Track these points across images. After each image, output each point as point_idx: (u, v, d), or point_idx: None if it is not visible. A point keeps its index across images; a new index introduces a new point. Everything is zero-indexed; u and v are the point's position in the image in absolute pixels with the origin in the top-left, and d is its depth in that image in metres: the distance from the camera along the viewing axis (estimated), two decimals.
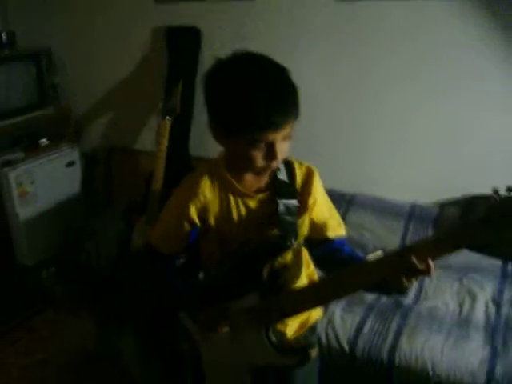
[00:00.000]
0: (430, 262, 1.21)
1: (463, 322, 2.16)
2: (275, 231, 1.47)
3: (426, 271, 1.21)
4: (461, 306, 2.26)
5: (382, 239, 2.63)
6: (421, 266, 1.21)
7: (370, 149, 2.94)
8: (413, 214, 2.79)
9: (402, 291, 1.37)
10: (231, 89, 1.32)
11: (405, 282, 1.25)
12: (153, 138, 3.14)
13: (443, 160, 2.81)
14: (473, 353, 1.99)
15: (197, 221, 1.51)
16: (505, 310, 2.22)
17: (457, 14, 2.59)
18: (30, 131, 3.49)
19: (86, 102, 3.69)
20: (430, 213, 2.79)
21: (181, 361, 1.75)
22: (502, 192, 1.11)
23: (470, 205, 2.74)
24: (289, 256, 1.52)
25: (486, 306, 2.25)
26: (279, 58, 1.40)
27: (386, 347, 2.04)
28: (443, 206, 2.83)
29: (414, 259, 1.21)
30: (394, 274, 1.25)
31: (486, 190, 1.18)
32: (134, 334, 2.26)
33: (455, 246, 1.22)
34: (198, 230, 1.55)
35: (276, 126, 1.30)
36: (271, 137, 1.31)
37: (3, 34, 3.34)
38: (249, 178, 1.48)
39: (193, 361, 1.60)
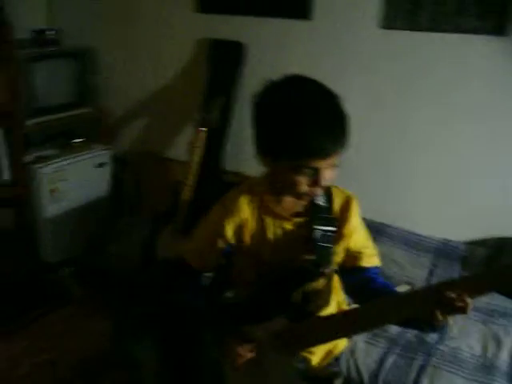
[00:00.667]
0: (468, 299, 1.19)
1: (487, 367, 2.10)
2: (310, 256, 1.46)
3: (463, 308, 1.20)
4: (485, 349, 2.21)
5: (409, 272, 2.59)
6: (457, 303, 1.19)
7: (404, 180, 2.92)
8: (441, 250, 2.75)
9: (435, 328, 1.33)
10: (282, 113, 1.32)
11: (439, 318, 1.23)
12: (185, 147, 3.15)
13: (476, 200, 2.77)
14: None
15: (231, 239, 1.50)
16: None
17: (501, 51, 2.57)
18: (65, 129, 3.52)
19: (123, 105, 3.71)
20: (459, 250, 2.75)
21: (200, 379, 1.73)
22: None
23: (498, 246, 2.70)
24: (321, 282, 1.50)
25: (511, 352, 2.20)
26: (322, 79, 1.39)
27: None
28: (472, 244, 2.79)
29: (451, 295, 1.18)
30: (428, 309, 1.23)
31: None
32: (154, 343, 2.24)
33: (493, 287, 1.20)
34: (230, 248, 1.54)
35: (324, 154, 1.29)
36: (318, 164, 1.31)
37: (49, 32, 3.37)
38: (288, 200, 1.48)
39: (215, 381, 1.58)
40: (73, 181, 3.37)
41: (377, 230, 2.84)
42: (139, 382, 2.45)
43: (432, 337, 2.25)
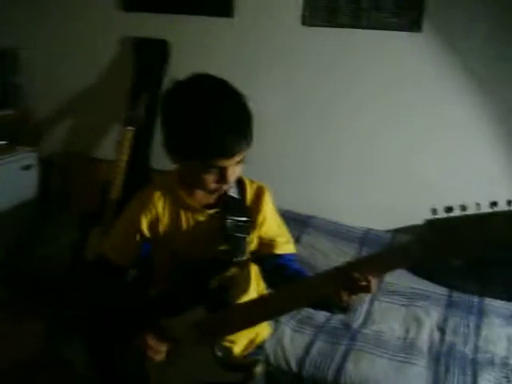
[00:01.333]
0: (371, 278, 1.23)
1: (408, 347, 2.19)
2: (223, 246, 1.49)
3: (366, 287, 1.24)
4: (407, 331, 2.30)
5: (334, 262, 2.60)
6: (361, 282, 1.23)
7: (327, 173, 3.00)
8: (365, 239, 2.84)
9: (344, 309, 1.38)
10: (186, 115, 1.33)
11: (346, 298, 1.27)
12: (113, 147, 3.13)
13: (397, 188, 2.87)
14: (416, 377, 2.02)
15: (147, 233, 1.51)
16: (449, 337, 2.27)
17: (417, 46, 2.67)
18: None
19: (47, 105, 3.64)
20: (383, 239, 2.84)
21: (127, 377, 1.73)
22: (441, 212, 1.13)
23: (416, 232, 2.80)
24: (236, 271, 1.53)
25: (431, 333, 2.29)
26: (243, 75, 1.42)
27: (332, 368, 2.05)
28: (396, 232, 2.88)
29: (354, 274, 1.23)
30: (335, 289, 1.27)
31: None
32: (83, 344, 2.22)
33: (393, 265, 1.25)
34: (149, 244, 1.55)
35: (229, 154, 1.32)
36: (224, 163, 1.33)
37: None
38: (200, 193, 1.50)
39: (141, 379, 1.58)
40: None
41: (302, 222, 2.91)
42: (74, 381, 2.43)
43: (356, 322, 2.33)
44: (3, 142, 3.46)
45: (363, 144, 2.88)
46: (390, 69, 2.74)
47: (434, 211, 1.15)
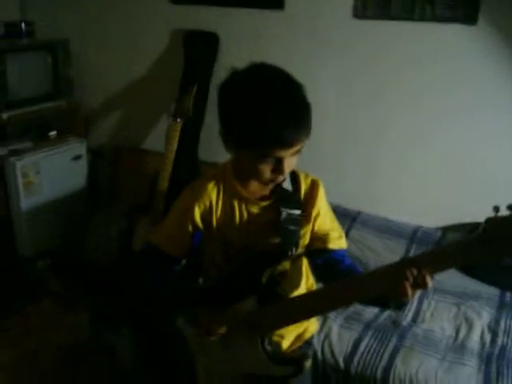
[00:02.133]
0: (428, 275, 1.21)
1: (458, 348, 2.15)
2: (277, 239, 1.48)
3: (424, 284, 1.22)
4: (457, 331, 2.26)
5: (383, 258, 2.62)
6: (418, 279, 1.21)
7: (378, 168, 2.95)
8: (415, 237, 2.78)
9: (400, 305, 1.36)
10: (245, 103, 1.32)
11: (402, 294, 1.24)
12: (161, 138, 3.14)
13: (450, 185, 2.81)
14: (466, 378, 1.98)
15: (200, 223, 1.52)
16: (500, 338, 2.21)
17: (472, 40, 2.60)
18: (40, 122, 3.50)
19: (97, 97, 3.70)
20: (433, 236, 2.78)
21: (175, 367, 1.74)
22: (504, 211, 1.10)
23: (471, 231, 2.74)
24: (288, 265, 1.52)
25: (482, 334, 2.24)
26: (295, 69, 1.40)
27: (381, 366, 2.03)
28: (446, 230, 2.83)
29: (412, 271, 1.21)
30: (391, 286, 1.25)
31: None
32: (131, 334, 2.25)
33: (453, 262, 1.22)
34: (201, 234, 1.55)
35: (287, 144, 1.30)
36: (281, 153, 1.32)
37: (22, 24, 3.35)
38: (254, 184, 1.49)
39: (187, 368, 1.59)
40: (48, 174, 3.35)
41: (352, 217, 2.88)
42: (117, 371, 2.46)
43: (405, 319, 2.30)
44: (54, 133, 3.54)
45: (417, 140, 2.81)
46: (445, 62, 2.67)
47: (497, 209, 1.13)
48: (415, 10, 2.69)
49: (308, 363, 1.52)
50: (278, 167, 1.35)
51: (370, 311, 2.33)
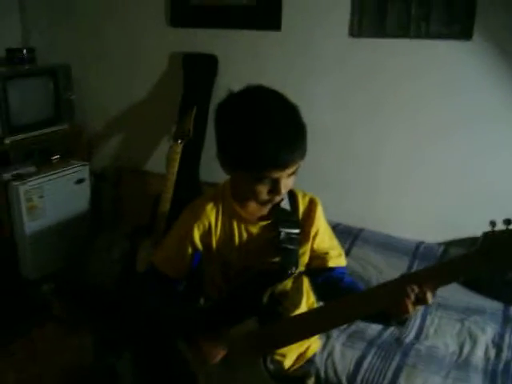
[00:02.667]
0: (429, 291, 1.22)
1: (462, 364, 2.13)
2: (276, 259, 1.49)
3: (424, 300, 1.23)
4: (461, 347, 2.24)
5: (386, 275, 2.61)
6: (419, 295, 1.22)
7: (378, 184, 2.96)
8: (417, 253, 2.78)
9: (402, 322, 1.36)
10: (240, 126, 1.34)
11: (403, 311, 1.25)
12: (163, 160, 3.17)
13: (451, 199, 2.81)
14: None
15: (199, 244, 1.53)
16: (505, 353, 2.19)
17: (468, 55, 2.62)
18: (43, 146, 3.52)
19: (99, 120, 3.73)
20: (435, 252, 2.78)
21: None
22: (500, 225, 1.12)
23: (473, 245, 2.73)
24: (289, 284, 1.53)
25: (487, 349, 2.22)
26: (292, 88, 1.42)
27: None
28: (449, 245, 2.82)
29: (412, 287, 1.22)
30: (392, 303, 1.26)
31: None
32: (133, 357, 2.25)
33: (453, 277, 1.23)
34: (200, 255, 1.56)
35: (282, 165, 1.32)
36: (277, 174, 1.34)
37: (24, 51, 3.40)
38: (252, 205, 1.51)
39: None
40: (52, 197, 3.37)
41: (354, 235, 2.88)
42: None
43: (408, 337, 2.29)
44: (57, 157, 3.56)
45: (415, 155, 2.82)
46: (441, 77, 2.69)
47: (493, 224, 1.14)
48: (410, 27, 2.72)
49: (311, 382, 1.53)
50: (274, 188, 1.37)
51: (373, 329, 2.31)
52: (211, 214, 1.51)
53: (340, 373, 2.08)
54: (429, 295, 1.22)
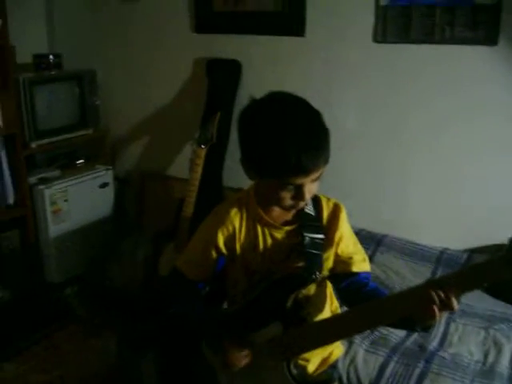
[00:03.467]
0: (455, 297, 1.21)
1: (487, 372, 2.10)
2: (300, 264, 1.49)
3: (450, 306, 1.22)
4: (486, 355, 2.20)
5: (409, 282, 2.60)
6: (445, 300, 1.21)
7: (402, 192, 2.94)
8: (441, 260, 2.75)
9: (426, 328, 1.35)
10: (263, 132, 1.34)
11: (429, 317, 1.25)
12: (186, 165, 3.19)
13: (476, 207, 2.78)
14: None
15: (223, 249, 1.53)
16: None
17: (494, 60, 2.60)
18: (68, 150, 3.57)
19: (123, 125, 3.77)
20: (459, 259, 2.75)
21: None
22: None
23: (498, 251, 2.70)
24: (313, 289, 1.53)
25: None
26: (316, 94, 1.43)
27: None
28: (473, 252, 2.80)
29: (438, 293, 1.21)
30: (417, 309, 1.25)
31: None
32: (156, 359, 2.26)
33: (477, 283, 1.22)
34: (224, 259, 1.57)
35: (306, 171, 1.32)
36: (300, 180, 1.34)
37: (51, 57, 3.45)
38: (277, 210, 1.51)
39: None
40: (76, 201, 3.41)
41: (377, 241, 2.87)
42: None
43: (432, 344, 2.26)
44: (82, 161, 3.61)
45: (440, 162, 2.80)
46: (466, 84, 2.68)
47: None
48: (435, 32, 2.71)
49: None
50: (298, 194, 1.37)
51: (396, 335, 2.30)
52: (235, 219, 1.51)
53: (363, 379, 2.07)
54: (454, 301, 1.21)
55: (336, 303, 1.68)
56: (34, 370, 2.77)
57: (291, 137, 1.30)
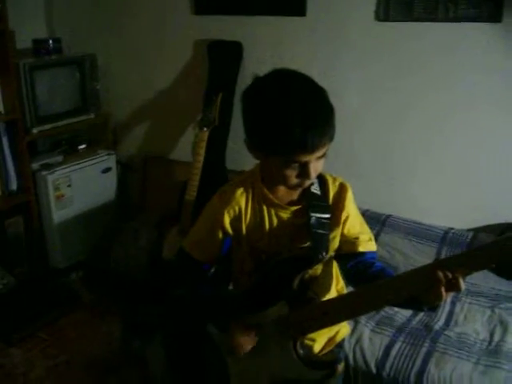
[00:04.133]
0: (462, 275, 1.21)
1: (493, 351, 2.11)
2: (307, 244, 1.48)
3: (457, 286, 1.22)
4: (491, 334, 2.21)
5: (414, 262, 2.60)
6: (452, 280, 1.21)
7: (407, 171, 2.92)
8: (446, 239, 2.75)
9: (433, 307, 1.35)
10: (267, 110, 1.33)
11: (436, 296, 1.24)
12: (189, 148, 3.18)
13: (480, 186, 2.77)
14: (503, 382, 1.94)
15: (229, 229, 1.53)
16: None
17: (498, 35, 2.57)
18: (69, 136, 3.57)
19: (125, 109, 3.75)
20: (464, 239, 2.74)
21: (207, 373, 1.75)
22: None
23: (503, 231, 2.70)
24: (319, 269, 1.52)
25: None
26: (318, 74, 1.41)
27: (413, 371, 2.01)
28: (478, 231, 2.79)
29: (445, 273, 1.21)
30: (424, 288, 1.25)
31: None
32: (163, 343, 2.27)
33: (486, 262, 1.22)
34: (230, 240, 1.56)
35: (311, 148, 1.30)
36: (306, 158, 1.32)
37: (50, 41, 3.42)
38: (282, 190, 1.50)
39: (219, 374, 1.60)
40: (79, 186, 3.41)
41: (382, 221, 2.86)
42: (148, 379, 2.48)
43: (438, 323, 2.27)
44: (84, 146, 3.60)
45: (443, 141, 2.78)
46: (470, 61, 2.65)
47: None
48: (438, 10, 2.68)
49: (341, 366, 1.52)
50: (303, 172, 1.36)
51: (402, 315, 2.30)
52: (241, 200, 1.50)
53: (369, 359, 2.08)
54: (461, 282, 1.21)
55: (342, 283, 1.67)
56: (40, 355, 2.78)
57: (296, 113, 1.29)
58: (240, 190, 1.51)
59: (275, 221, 1.50)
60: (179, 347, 2.03)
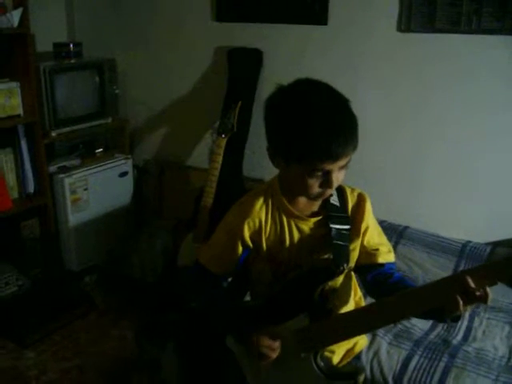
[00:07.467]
0: (487, 287, 1.20)
1: None
2: (327, 255, 1.47)
3: (483, 297, 1.20)
4: (510, 350, 2.18)
5: (432, 275, 2.57)
6: (477, 291, 1.19)
7: (425, 183, 2.90)
8: (464, 253, 2.72)
9: (455, 318, 1.33)
10: (292, 118, 1.33)
11: (458, 308, 1.22)
12: (206, 155, 3.17)
13: (499, 199, 2.74)
14: None
15: (249, 242, 1.51)
16: None
17: None
18: (87, 139, 3.57)
19: (143, 114, 3.76)
20: (482, 252, 2.71)
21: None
22: None
23: None
24: (339, 280, 1.51)
25: None
26: (338, 83, 1.40)
27: None
28: (496, 245, 2.75)
29: (470, 282, 1.19)
30: (447, 300, 1.23)
31: None
32: (177, 351, 2.26)
33: (502, 277, 1.19)
34: (248, 252, 1.54)
35: (335, 157, 1.30)
36: (329, 166, 1.32)
37: (71, 45, 3.44)
38: (302, 201, 1.49)
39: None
40: (96, 190, 3.41)
41: (399, 233, 2.83)
42: None
43: (456, 338, 2.24)
44: (101, 150, 3.60)
45: (464, 153, 2.76)
46: (492, 75, 2.63)
47: None
48: (461, 21, 2.66)
49: (362, 378, 1.50)
50: (326, 181, 1.35)
51: (419, 329, 2.27)
52: (261, 212, 1.49)
53: (386, 372, 2.05)
54: (489, 292, 1.20)
55: (360, 293, 1.66)
56: (53, 358, 2.78)
57: (321, 122, 1.29)
58: (259, 202, 1.50)
59: (295, 232, 1.49)
60: (193, 356, 2.01)
